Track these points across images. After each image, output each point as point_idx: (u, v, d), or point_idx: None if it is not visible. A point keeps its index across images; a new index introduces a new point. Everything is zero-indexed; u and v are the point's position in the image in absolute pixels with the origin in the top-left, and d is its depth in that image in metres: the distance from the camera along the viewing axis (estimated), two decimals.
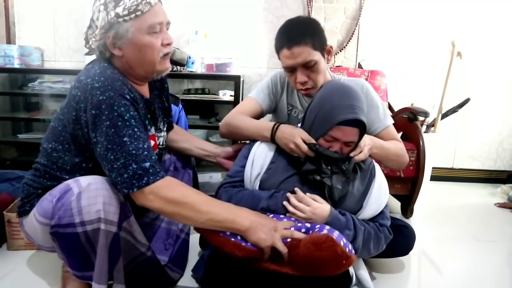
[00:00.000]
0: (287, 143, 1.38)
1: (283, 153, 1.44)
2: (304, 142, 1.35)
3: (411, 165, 2.26)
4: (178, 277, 1.54)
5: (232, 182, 1.46)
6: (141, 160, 1.17)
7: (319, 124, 1.33)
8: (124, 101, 1.20)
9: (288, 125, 1.45)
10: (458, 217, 2.50)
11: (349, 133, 1.31)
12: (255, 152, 1.46)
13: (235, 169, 1.49)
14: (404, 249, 1.67)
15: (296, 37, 1.46)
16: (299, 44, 1.45)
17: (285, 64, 1.51)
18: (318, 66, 1.50)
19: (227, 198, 1.40)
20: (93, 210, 1.17)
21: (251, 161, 1.45)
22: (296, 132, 1.38)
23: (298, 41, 1.45)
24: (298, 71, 1.50)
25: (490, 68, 3.07)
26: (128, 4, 1.20)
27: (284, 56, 1.49)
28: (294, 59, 1.47)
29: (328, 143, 1.33)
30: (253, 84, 3.11)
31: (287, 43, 1.46)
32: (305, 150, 1.33)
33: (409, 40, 3.03)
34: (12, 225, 1.73)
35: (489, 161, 3.25)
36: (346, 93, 1.32)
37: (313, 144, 1.33)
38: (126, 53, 1.27)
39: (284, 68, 1.55)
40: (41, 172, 1.33)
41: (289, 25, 1.53)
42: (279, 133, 1.43)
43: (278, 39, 1.53)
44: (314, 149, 1.32)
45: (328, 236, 1.12)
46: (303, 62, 1.47)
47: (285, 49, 1.47)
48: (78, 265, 1.25)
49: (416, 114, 2.36)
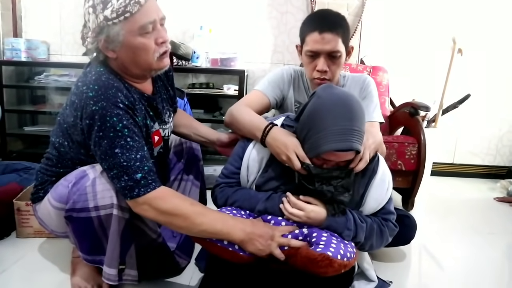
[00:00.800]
0: (279, 154, 1.27)
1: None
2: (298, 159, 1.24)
3: (412, 159, 2.30)
4: (185, 264, 1.57)
5: (228, 183, 1.41)
6: (133, 172, 1.16)
7: (310, 146, 1.19)
8: (117, 110, 1.17)
9: (281, 131, 1.32)
10: (458, 210, 2.54)
11: (342, 156, 1.18)
12: (248, 156, 1.37)
13: (230, 169, 1.41)
14: (406, 239, 1.70)
15: (330, 24, 1.45)
16: (331, 32, 1.44)
17: (312, 47, 1.48)
18: (340, 59, 1.50)
19: (224, 198, 1.37)
20: (107, 196, 1.21)
21: (245, 166, 1.37)
22: (291, 145, 1.25)
23: (331, 28, 1.44)
24: (321, 58, 1.48)
25: (490, 65, 3.11)
26: (116, 6, 1.14)
27: (313, 39, 1.47)
28: (322, 45, 1.45)
29: (321, 161, 1.21)
30: (257, 79, 3.14)
31: (320, 27, 1.44)
32: (298, 168, 1.22)
33: (411, 37, 3.06)
34: (22, 213, 1.77)
35: (489, 156, 3.29)
36: (341, 112, 1.15)
37: (307, 165, 1.21)
38: (120, 56, 1.23)
39: (308, 52, 1.50)
40: (53, 161, 1.36)
41: (323, 12, 1.52)
42: (271, 139, 1.31)
43: (308, 23, 1.51)
44: (308, 170, 1.21)
45: (323, 255, 1.08)
46: (331, 50, 1.46)
47: (316, 33, 1.45)
48: (89, 249, 1.29)
49: (417, 108, 2.40)
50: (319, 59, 1.49)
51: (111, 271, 1.27)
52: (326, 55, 1.48)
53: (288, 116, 1.43)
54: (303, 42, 1.54)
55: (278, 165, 1.33)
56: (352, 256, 1.16)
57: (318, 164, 1.22)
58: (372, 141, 1.36)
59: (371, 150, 1.33)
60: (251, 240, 1.16)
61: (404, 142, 2.32)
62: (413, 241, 1.74)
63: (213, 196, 1.43)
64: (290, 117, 1.42)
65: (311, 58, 1.51)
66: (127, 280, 1.32)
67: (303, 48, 1.54)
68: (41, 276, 1.51)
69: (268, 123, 1.36)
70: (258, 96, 1.63)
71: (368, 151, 1.30)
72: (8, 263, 1.58)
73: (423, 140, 2.29)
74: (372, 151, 1.34)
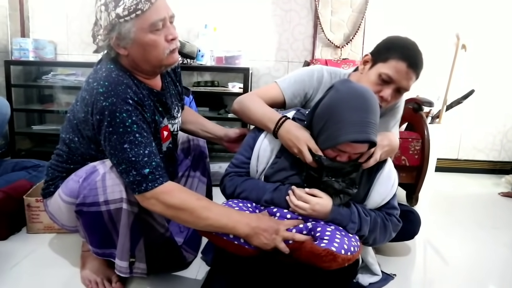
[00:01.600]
0: (291, 146, 1.30)
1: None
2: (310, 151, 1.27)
3: (416, 154, 2.32)
4: (192, 258, 1.61)
5: (237, 172, 1.44)
6: (141, 167, 1.19)
7: (327, 137, 1.22)
8: (127, 106, 1.20)
9: (294, 124, 1.34)
10: (463, 205, 2.55)
11: (358, 148, 1.21)
12: (260, 146, 1.40)
13: (241, 159, 1.44)
14: (410, 234, 1.73)
15: (419, 64, 1.42)
16: (415, 72, 1.41)
17: (393, 75, 1.39)
18: (402, 96, 1.50)
19: (232, 187, 1.40)
20: (117, 190, 1.24)
21: (256, 156, 1.40)
22: (303, 138, 1.28)
23: (417, 68, 1.41)
24: (390, 88, 1.41)
25: (494, 60, 3.12)
26: (128, 4, 1.17)
27: (397, 68, 1.39)
28: (403, 78, 1.40)
29: (335, 153, 1.23)
30: (262, 76, 3.17)
31: (410, 62, 1.39)
32: (309, 161, 1.26)
33: (414, 33, 3.02)
34: (32, 209, 1.81)
35: (493, 152, 3.30)
36: (359, 104, 1.18)
37: (318, 157, 1.24)
38: (131, 52, 1.26)
39: (384, 74, 1.40)
40: (63, 157, 1.38)
41: (415, 47, 1.45)
42: (283, 132, 1.33)
43: (399, 48, 1.42)
44: (319, 162, 1.24)
45: (327, 250, 1.10)
46: (405, 86, 1.41)
47: (405, 65, 1.38)
48: (99, 243, 1.32)
49: (420, 104, 2.41)
50: (388, 86, 1.42)
51: (122, 263, 1.30)
52: (396, 88, 1.42)
53: (299, 110, 1.45)
54: (382, 61, 1.42)
55: (288, 157, 1.35)
56: (356, 249, 1.18)
57: (330, 157, 1.24)
58: (387, 143, 1.37)
59: (384, 151, 1.34)
60: (256, 234, 1.18)
61: (408, 138, 2.33)
62: (418, 236, 1.76)
63: (222, 185, 1.45)
64: (301, 111, 1.44)
65: (382, 81, 1.42)
66: (137, 273, 1.35)
67: (378, 66, 1.43)
68: (51, 270, 1.54)
69: (281, 115, 1.39)
70: (274, 92, 1.56)
71: (380, 151, 1.32)
72: (19, 258, 1.61)
73: (426, 136, 2.31)
74: (384, 154, 1.35)
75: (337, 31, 3.04)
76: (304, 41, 3.11)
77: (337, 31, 3.04)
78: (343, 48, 3.04)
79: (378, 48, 1.48)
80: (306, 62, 2.97)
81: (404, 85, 1.41)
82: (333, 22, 3.02)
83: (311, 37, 3.09)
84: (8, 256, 1.62)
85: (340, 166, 1.24)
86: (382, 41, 1.50)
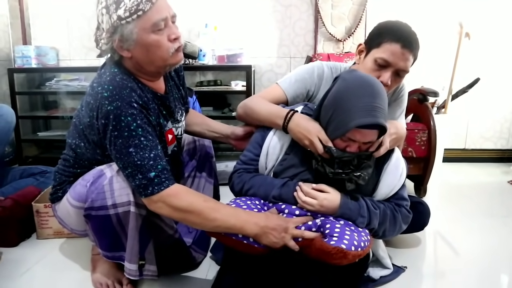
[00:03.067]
0: (302, 139, 1.30)
1: (299, 144, 1.35)
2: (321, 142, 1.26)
3: (422, 145, 2.31)
4: (201, 258, 1.61)
5: (246, 169, 1.44)
6: (146, 171, 1.19)
7: (336, 126, 1.22)
8: (132, 110, 1.20)
9: (303, 117, 1.35)
10: (472, 195, 2.53)
11: (368, 135, 1.20)
12: (269, 143, 1.40)
13: (249, 156, 1.44)
14: (420, 225, 1.71)
15: (413, 44, 1.39)
16: (411, 52, 1.39)
17: (388, 58, 1.39)
18: (403, 78, 1.47)
19: (241, 183, 1.40)
20: (124, 193, 1.25)
21: (265, 153, 1.40)
22: (313, 129, 1.28)
23: (412, 48, 1.39)
24: (388, 71, 1.41)
25: (498, 47, 3.08)
26: (129, 5, 1.17)
27: (391, 50, 1.38)
28: (399, 60, 1.38)
29: (345, 143, 1.23)
30: (264, 73, 3.16)
31: (403, 42, 1.37)
32: (320, 151, 1.25)
33: (417, 23, 3.01)
34: (41, 215, 1.81)
35: (501, 140, 3.27)
36: (366, 91, 1.19)
37: (329, 148, 1.24)
38: (135, 54, 1.26)
39: (379, 59, 1.40)
40: (70, 162, 1.39)
41: (407, 27, 1.43)
42: (293, 125, 1.33)
43: (391, 31, 1.40)
44: (330, 153, 1.24)
45: (337, 248, 1.10)
46: (403, 68, 1.40)
47: (398, 46, 1.37)
48: (109, 246, 1.33)
49: (425, 94, 2.40)
50: (385, 70, 1.41)
51: (131, 266, 1.30)
52: (395, 70, 1.42)
53: (306, 105, 1.45)
54: (375, 46, 1.42)
55: (298, 153, 1.36)
56: (366, 244, 1.18)
57: (341, 147, 1.24)
58: (394, 131, 1.38)
59: (392, 139, 1.34)
60: (265, 233, 1.18)
61: (414, 129, 2.32)
62: (427, 227, 1.75)
63: (230, 182, 1.45)
64: (308, 106, 1.44)
65: (378, 66, 1.41)
66: (147, 276, 1.35)
67: (373, 52, 1.43)
68: (62, 275, 1.55)
69: (289, 109, 1.39)
70: (277, 93, 1.56)
71: (389, 139, 1.31)
72: (30, 264, 1.62)
73: (433, 126, 2.29)
74: (392, 142, 1.35)
75: (338, 24, 3.02)
76: (306, 36, 3.10)
77: (338, 25, 3.02)
78: (345, 42, 3.03)
79: (371, 35, 1.48)
80: (308, 57, 2.96)
81: (401, 66, 1.40)
82: (334, 15, 3.01)
83: (313, 32, 3.07)
84: (19, 263, 1.63)
85: (350, 157, 1.23)
86: (374, 28, 1.50)
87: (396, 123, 1.46)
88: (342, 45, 3.04)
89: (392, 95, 1.64)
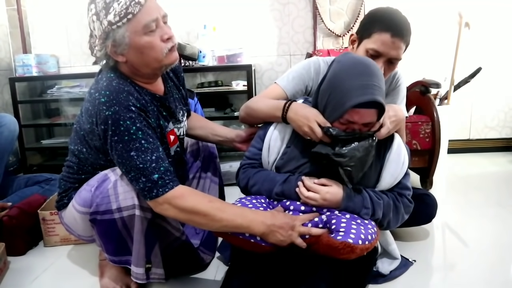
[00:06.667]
0: (301, 126, 1.30)
1: (299, 136, 1.35)
2: (319, 126, 1.27)
3: (426, 137, 2.29)
4: (209, 259, 1.60)
5: (251, 164, 1.45)
6: (149, 173, 1.19)
7: (333, 108, 1.22)
8: (130, 114, 1.20)
9: (301, 105, 1.36)
10: (479, 185, 2.51)
11: (366, 114, 1.19)
12: (270, 136, 1.40)
13: (253, 151, 1.46)
14: (427, 217, 1.70)
15: (404, 31, 1.40)
16: (402, 39, 1.40)
17: (379, 48, 1.41)
18: (396, 65, 1.49)
19: (246, 179, 1.41)
20: (129, 197, 1.25)
21: (267, 146, 1.40)
22: (311, 114, 1.29)
23: (403, 36, 1.40)
24: (380, 61, 1.42)
25: (499, 36, 3.06)
26: (118, 10, 1.16)
27: (382, 40, 1.40)
28: (390, 49, 1.40)
29: (344, 126, 1.23)
30: (265, 72, 3.15)
31: (393, 31, 1.38)
32: (320, 135, 1.25)
33: (416, 15, 3.02)
34: (47, 222, 1.81)
35: (506, 129, 3.24)
36: (361, 70, 1.19)
37: (327, 128, 1.23)
38: (129, 58, 1.25)
39: (371, 50, 1.42)
40: (74, 169, 1.39)
41: (397, 15, 1.44)
42: (292, 113, 1.34)
43: (380, 20, 1.42)
44: (329, 134, 1.23)
45: (344, 243, 1.10)
46: (395, 56, 1.42)
47: (388, 35, 1.39)
48: (115, 250, 1.33)
49: (427, 86, 2.38)
50: (377, 60, 1.42)
51: (138, 270, 1.30)
52: (387, 59, 1.43)
53: (307, 99, 1.45)
54: (366, 37, 1.45)
55: (298, 145, 1.36)
56: (374, 237, 1.17)
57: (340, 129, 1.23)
58: (393, 113, 1.36)
59: (392, 121, 1.33)
60: (272, 232, 1.18)
61: (418, 121, 2.30)
62: (435, 219, 1.73)
63: (237, 178, 1.46)
64: (308, 100, 1.44)
65: (370, 56, 1.42)
66: (154, 279, 1.34)
67: (364, 43, 1.45)
68: (70, 282, 1.55)
69: (286, 100, 1.40)
70: (276, 92, 1.58)
71: (389, 120, 1.31)
72: (38, 271, 1.62)
73: (436, 118, 2.28)
74: (392, 123, 1.33)
75: (337, 20, 3.02)
76: (305, 33, 3.09)
77: (337, 20, 3.02)
78: (344, 37, 3.02)
79: (362, 24, 1.50)
80: (308, 54, 2.95)
81: (393, 55, 1.42)
82: (332, 11, 3.00)
83: (311, 29, 3.06)
84: (28, 271, 1.63)
85: (350, 135, 1.22)
86: (365, 16, 1.51)
87: (394, 106, 1.45)
88: (342, 41, 3.03)
89: (390, 85, 1.65)
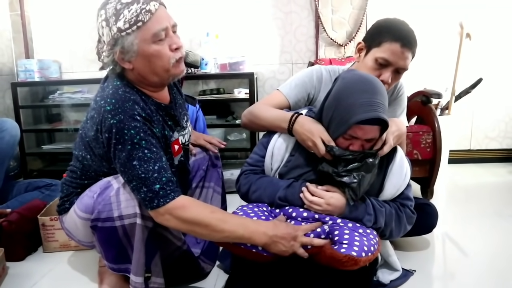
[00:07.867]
0: (305, 140, 1.33)
1: (303, 146, 1.37)
2: (323, 142, 1.29)
3: (427, 147, 2.29)
4: (210, 268, 1.59)
5: (253, 170, 1.46)
6: (151, 183, 1.18)
7: (337, 123, 1.24)
8: (134, 123, 1.19)
9: (308, 119, 1.38)
10: (479, 196, 2.51)
11: (369, 131, 1.22)
12: (274, 144, 1.42)
13: (255, 158, 1.47)
14: (428, 227, 1.70)
15: (412, 42, 1.43)
16: (410, 50, 1.42)
17: (388, 57, 1.42)
18: (402, 75, 1.50)
19: (247, 185, 1.41)
20: (130, 205, 1.24)
21: (270, 154, 1.42)
22: (316, 130, 1.31)
23: (411, 46, 1.42)
24: (388, 70, 1.44)
25: (500, 47, 3.07)
26: (128, 17, 1.16)
27: (392, 49, 1.41)
28: (399, 59, 1.42)
29: (347, 141, 1.25)
30: (267, 80, 3.16)
31: (402, 41, 1.40)
32: (323, 152, 1.27)
33: (417, 26, 3.02)
34: (47, 228, 1.81)
35: (506, 140, 3.24)
36: (365, 88, 1.21)
37: (330, 148, 1.26)
38: (136, 66, 1.25)
39: (380, 58, 1.43)
40: (77, 174, 1.39)
41: (406, 26, 1.46)
42: (298, 126, 1.36)
43: (390, 30, 1.43)
44: (332, 153, 1.25)
45: (348, 256, 1.11)
46: (402, 66, 1.44)
47: (398, 45, 1.40)
48: (115, 258, 1.31)
49: (429, 96, 2.39)
50: (385, 69, 1.44)
51: (137, 279, 1.28)
52: (394, 69, 1.45)
53: (311, 109, 1.47)
54: (376, 46, 1.46)
55: (302, 154, 1.38)
56: (376, 247, 1.18)
57: (344, 146, 1.26)
58: (396, 129, 1.39)
59: (394, 136, 1.36)
60: (274, 242, 1.18)
61: (419, 131, 2.31)
62: (435, 229, 1.73)
63: (237, 184, 1.46)
64: (312, 110, 1.45)
65: (379, 65, 1.45)
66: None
67: (373, 52, 1.46)
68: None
69: (293, 112, 1.41)
70: (278, 99, 1.59)
71: (391, 137, 1.34)
72: (37, 277, 1.61)
73: (437, 128, 2.28)
74: (395, 138, 1.36)
75: (339, 29, 3.03)
76: (307, 42, 3.10)
77: (339, 30, 3.03)
78: (346, 46, 3.03)
79: (370, 33, 1.51)
80: (310, 62, 2.96)
81: (401, 65, 1.44)
82: (334, 20, 3.02)
83: (314, 38, 3.08)
84: (27, 277, 1.62)
85: (352, 155, 1.24)
86: (372, 26, 1.53)
87: (396, 120, 1.48)
88: (344, 50, 3.04)
89: (392, 94, 1.66)
